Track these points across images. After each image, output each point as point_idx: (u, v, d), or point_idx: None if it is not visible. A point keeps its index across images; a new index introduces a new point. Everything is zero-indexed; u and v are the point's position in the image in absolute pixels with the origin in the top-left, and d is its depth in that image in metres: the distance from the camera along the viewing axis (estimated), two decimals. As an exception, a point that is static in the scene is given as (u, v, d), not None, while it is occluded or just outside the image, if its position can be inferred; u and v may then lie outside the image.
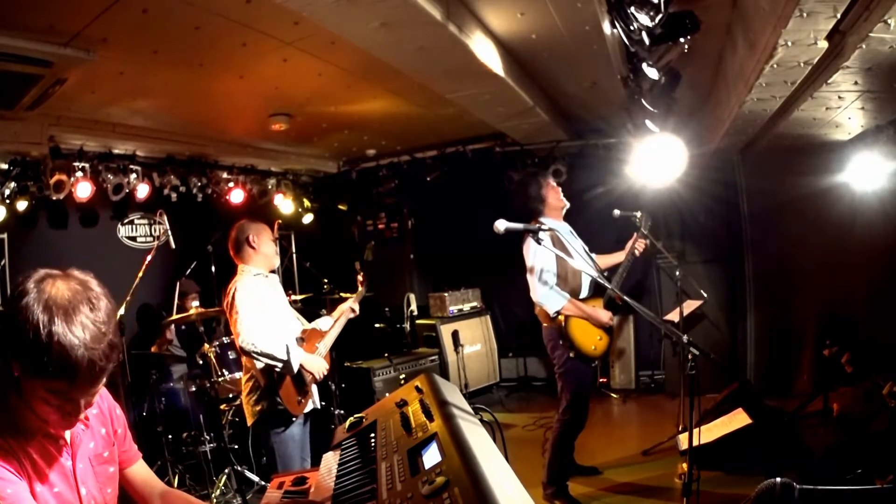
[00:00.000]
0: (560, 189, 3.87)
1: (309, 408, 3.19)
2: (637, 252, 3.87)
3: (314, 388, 3.25)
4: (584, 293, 3.70)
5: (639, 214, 3.89)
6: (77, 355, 1.09)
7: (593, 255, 3.88)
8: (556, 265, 3.60)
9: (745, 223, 6.02)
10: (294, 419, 3.08)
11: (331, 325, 3.41)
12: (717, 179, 5.66)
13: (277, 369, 3.00)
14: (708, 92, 5.04)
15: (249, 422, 3.14)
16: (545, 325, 3.75)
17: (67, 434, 1.31)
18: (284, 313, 3.25)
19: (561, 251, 3.35)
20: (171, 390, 4.51)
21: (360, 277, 3.70)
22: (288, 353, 2.97)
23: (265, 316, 3.03)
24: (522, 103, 4.70)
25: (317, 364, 3.13)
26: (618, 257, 3.93)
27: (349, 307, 3.44)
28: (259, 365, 3.02)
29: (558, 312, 3.60)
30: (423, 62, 3.66)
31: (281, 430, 3.07)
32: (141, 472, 1.58)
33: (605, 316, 3.65)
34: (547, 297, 3.57)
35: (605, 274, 3.81)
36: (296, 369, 3.02)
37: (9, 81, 3.55)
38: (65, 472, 1.29)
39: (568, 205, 3.88)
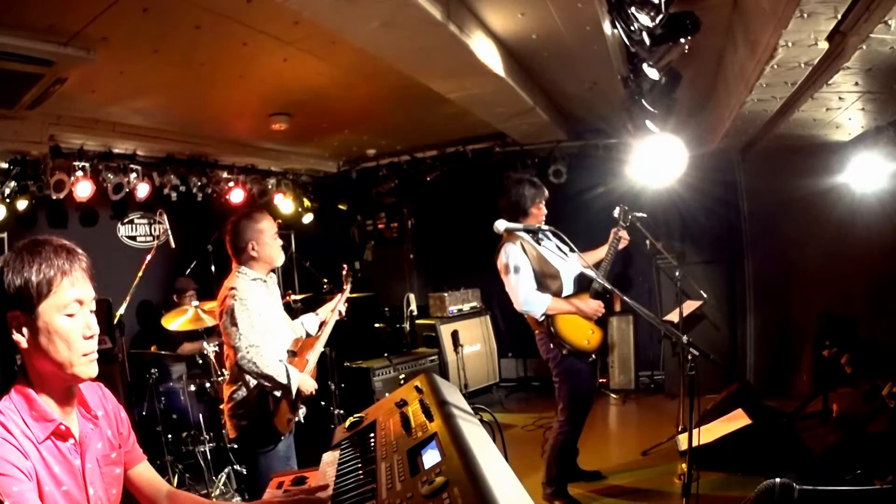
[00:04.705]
0: (545, 212, 3.73)
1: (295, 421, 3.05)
2: (620, 244, 3.79)
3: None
4: (568, 290, 3.65)
5: (617, 210, 3.86)
6: (53, 258, 1.26)
7: (580, 254, 3.78)
8: (536, 266, 3.57)
9: (745, 224, 6.02)
10: (282, 437, 2.92)
11: (317, 330, 3.25)
12: (717, 180, 5.65)
13: (274, 391, 2.84)
14: (708, 92, 5.03)
15: (232, 434, 2.93)
16: (537, 332, 3.71)
17: (77, 433, 1.34)
18: (280, 322, 3.06)
19: (544, 251, 3.33)
20: (170, 390, 4.51)
21: (344, 273, 3.47)
22: (289, 376, 2.82)
23: (266, 334, 2.85)
24: (522, 103, 4.69)
25: (309, 382, 2.94)
26: (600, 252, 3.84)
27: (337, 310, 3.27)
28: (252, 382, 2.85)
29: (545, 315, 3.57)
30: (424, 62, 3.66)
31: (269, 449, 2.88)
32: (146, 472, 1.59)
33: (593, 305, 3.61)
34: (529, 303, 3.54)
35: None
36: (295, 392, 2.85)
37: (9, 80, 3.54)
38: (74, 471, 1.31)
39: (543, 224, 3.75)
